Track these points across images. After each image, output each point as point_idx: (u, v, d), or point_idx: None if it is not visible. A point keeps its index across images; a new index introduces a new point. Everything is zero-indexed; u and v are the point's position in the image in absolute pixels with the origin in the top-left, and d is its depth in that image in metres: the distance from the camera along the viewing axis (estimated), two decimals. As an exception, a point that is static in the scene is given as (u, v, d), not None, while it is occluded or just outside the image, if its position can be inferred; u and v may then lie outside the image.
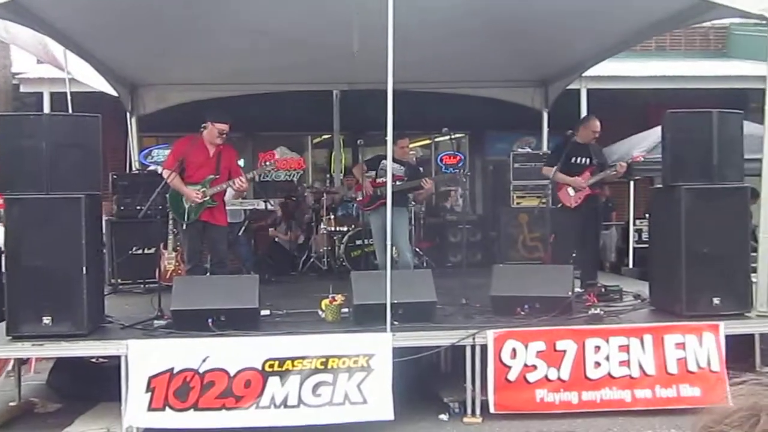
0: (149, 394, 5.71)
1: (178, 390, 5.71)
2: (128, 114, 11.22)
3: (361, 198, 9.24)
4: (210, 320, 6.11)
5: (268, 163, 10.17)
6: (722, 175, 6.70)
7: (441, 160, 14.42)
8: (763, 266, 6.66)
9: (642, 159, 8.74)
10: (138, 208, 8.60)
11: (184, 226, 7.76)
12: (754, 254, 6.78)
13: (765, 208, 6.67)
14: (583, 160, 8.46)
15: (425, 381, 6.79)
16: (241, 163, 10.38)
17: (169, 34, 8.45)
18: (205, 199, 7.60)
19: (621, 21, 8.35)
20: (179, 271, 9.10)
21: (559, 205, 8.58)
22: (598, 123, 8.61)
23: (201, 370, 5.75)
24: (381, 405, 5.83)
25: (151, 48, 8.99)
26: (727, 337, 6.32)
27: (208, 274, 8.10)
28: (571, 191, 8.42)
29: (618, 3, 7.76)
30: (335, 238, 11.10)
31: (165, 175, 7.62)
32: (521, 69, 10.84)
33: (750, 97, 10.17)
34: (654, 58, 13.89)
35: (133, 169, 11.42)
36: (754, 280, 6.69)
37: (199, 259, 7.91)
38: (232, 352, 5.85)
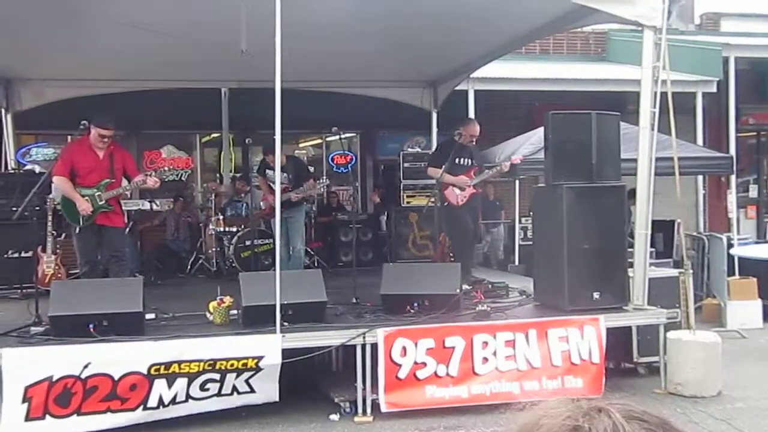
0: (26, 404, 5.44)
1: (58, 397, 5.50)
2: (3, 110, 10.66)
3: (264, 208, 9.49)
4: (91, 326, 5.87)
5: (167, 168, 10.00)
6: (601, 174, 6.97)
7: (332, 159, 14.40)
8: (639, 262, 6.97)
9: (520, 161, 9.05)
10: (13, 209, 8.16)
11: (78, 230, 7.53)
12: (631, 250, 7.09)
13: (641, 206, 6.98)
14: (466, 160, 8.78)
15: (316, 381, 6.77)
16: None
17: (46, 27, 8.07)
18: (100, 203, 7.43)
19: (507, 24, 8.56)
20: (59, 275, 8.72)
21: (446, 204, 8.77)
22: (476, 127, 8.95)
23: (83, 376, 5.54)
24: (268, 391, 5.87)
25: (26, 41, 8.56)
26: (607, 329, 6.58)
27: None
28: (456, 190, 8.67)
29: (504, 7, 7.94)
30: (224, 238, 10.90)
31: (56, 182, 7.47)
32: (411, 69, 10.95)
33: (628, 99, 10.61)
34: (538, 60, 14.31)
35: (9, 168, 10.84)
36: (630, 274, 7.00)
37: (94, 263, 7.67)
38: (115, 358, 5.66)
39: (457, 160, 8.71)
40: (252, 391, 5.90)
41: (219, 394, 5.84)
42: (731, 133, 11.66)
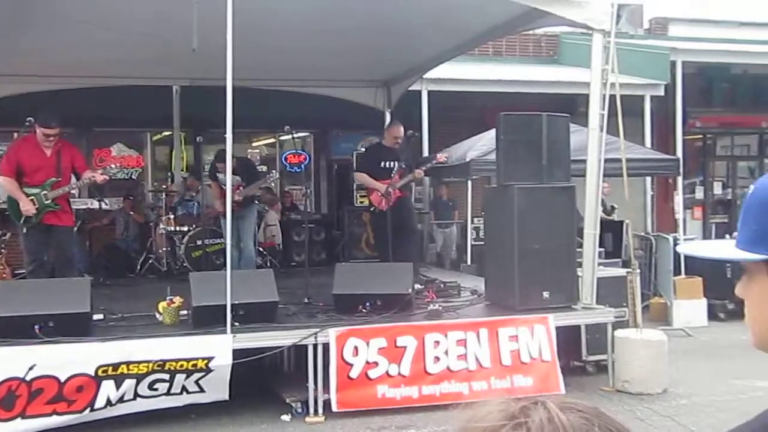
0: (-33, 408, 5.32)
1: (2, 399, 5.39)
2: (-55, 106, 10.38)
3: (219, 207, 9.38)
4: (37, 327, 5.75)
5: (112, 167, 9.84)
6: (551, 174, 7.06)
7: (285, 159, 14.33)
8: (588, 261, 7.08)
9: (445, 160, 9.29)
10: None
11: (25, 230, 7.35)
12: (580, 250, 7.20)
13: (589, 206, 7.10)
14: (391, 163, 8.83)
15: (267, 382, 6.73)
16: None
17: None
18: (46, 202, 7.25)
19: (460, 26, 8.62)
20: (4, 276, 8.54)
21: (372, 208, 8.95)
22: (400, 129, 9.05)
23: (27, 378, 5.43)
24: (218, 391, 5.83)
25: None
26: (556, 328, 6.67)
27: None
28: (380, 195, 8.74)
29: (456, 9, 7.99)
30: (175, 238, 10.77)
31: (1, 182, 7.36)
32: (364, 69, 10.96)
33: (578, 101, 10.77)
34: (491, 62, 14.43)
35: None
36: (579, 274, 7.10)
37: (41, 262, 7.51)
38: (62, 360, 5.57)
39: (382, 164, 8.86)
40: (201, 390, 5.86)
41: (168, 393, 5.78)
42: (678, 136, 11.90)
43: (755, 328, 1.10)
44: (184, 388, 5.80)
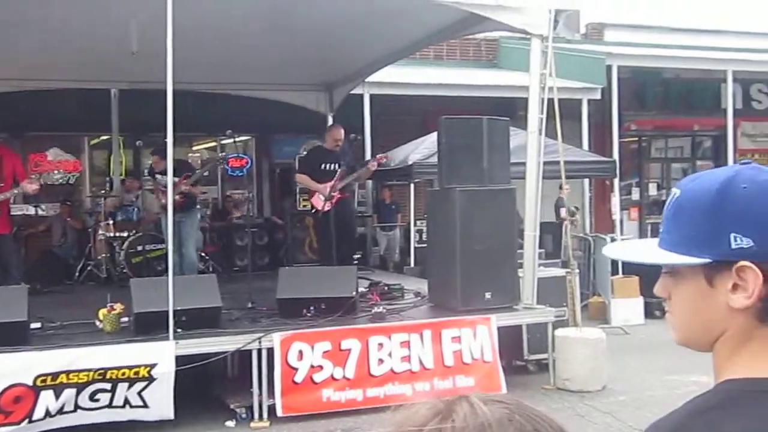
0: None
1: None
2: None
3: (159, 211, 9.36)
4: (-29, 336, 5.61)
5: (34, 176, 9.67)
6: (492, 177, 7.17)
7: (227, 162, 14.19)
8: (528, 262, 7.21)
9: (385, 160, 9.47)
10: None
11: None
12: (520, 251, 7.32)
13: (529, 208, 7.22)
14: (332, 166, 8.93)
15: (211, 388, 6.67)
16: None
17: None
18: None
19: (401, 30, 8.69)
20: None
21: (314, 210, 9.08)
22: (340, 131, 9.22)
23: (-38, 390, 5.28)
24: (162, 407, 5.70)
25: None
26: (498, 328, 6.77)
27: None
28: (321, 196, 8.84)
29: (397, 14, 8.05)
30: (115, 244, 10.58)
31: None
32: (307, 73, 10.95)
33: (518, 105, 10.94)
34: (432, 66, 14.54)
35: None
36: (520, 275, 7.23)
37: None
38: (-2, 370, 5.43)
39: (322, 166, 8.97)
40: (145, 405, 5.73)
41: (110, 405, 5.66)
42: (614, 139, 12.18)
43: (684, 328, 1.14)
44: (126, 401, 5.67)
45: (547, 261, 9.32)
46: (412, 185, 11.92)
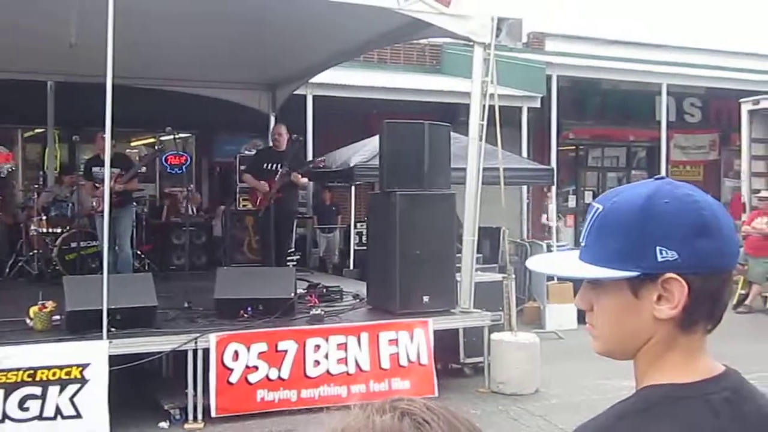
0: None
1: None
2: None
3: (96, 205, 9.03)
4: None
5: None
6: (432, 182, 7.23)
7: (166, 160, 13.97)
8: (466, 267, 7.30)
9: (322, 165, 9.78)
10: None
11: None
12: (459, 255, 7.40)
13: (468, 213, 7.31)
14: (274, 165, 9.19)
15: (145, 388, 6.57)
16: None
17: None
18: None
19: (345, 33, 8.70)
20: None
21: (254, 209, 9.40)
22: (280, 127, 9.65)
23: None
24: (96, 418, 5.56)
25: None
26: (436, 331, 6.83)
27: None
28: (259, 194, 9.23)
29: (342, 17, 8.06)
30: (48, 240, 10.32)
31: None
32: (249, 71, 10.88)
33: (460, 111, 11.05)
34: (376, 69, 14.59)
35: None
36: (458, 279, 7.31)
37: None
38: None
39: (264, 166, 9.29)
40: (78, 415, 5.56)
41: (41, 416, 5.45)
42: (553, 147, 12.42)
43: (607, 338, 1.17)
44: (58, 410, 5.49)
45: (484, 266, 9.44)
46: (353, 187, 11.93)
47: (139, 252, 10.53)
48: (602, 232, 1.15)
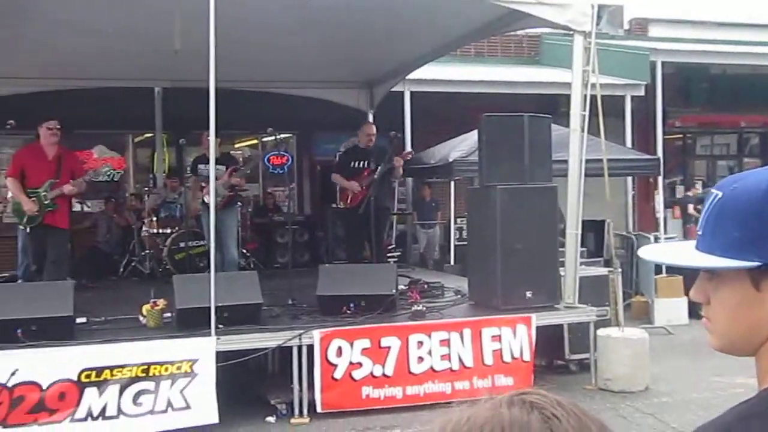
0: (-50, 414, 5.28)
1: (-16, 407, 5.33)
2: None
3: (208, 201, 9.23)
4: (19, 330, 5.71)
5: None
6: (533, 175, 7.10)
7: (268, 160, 14.29)
8: (570, 261, 7.13)
9: (410, 156, 9.82)
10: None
11: (28, 230, 7.80)
12: (562, 249, 7.24)
13: (571, 206, 7.14)
14: (362, 163, 9.30)
15: (252, 384, 6.72)
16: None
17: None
18: (45, 202, 7.64)
19: (442, 27, 8.66)
20: (-15, 279, 8.47)
21: (341, 207, 9.46)
22: (371, 127, 9.67)
23: (9, 385, 5.39)
24: (205, 409, 5.72)
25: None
26: (539, 327, 6.71)
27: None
28: (349, 193, 9.31)
29: (439, 11, 8.03)
30: (158, 240, 10.73)
31: (8, 184, 7.98)
32: (347, 70, 10.98)
33: (559, 102, 10.83)
34: (473, 63, 14.48)
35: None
36: (562, 273, 7.15)
37: (41, 263, 7.84)
38: (45, 364, 5.53)
39: (352, 164, 9.37)
40: (188, 406, 5.73)
41: (152, 411, 5.64)
42: (658, 136, 12.00)
43: (725, 333, 1.10)
44: (169, 403, 5.69)
45: (588, 260, 9.21)
46: (452, 183, 11.87)
47: (244, 251, 10.79)
48: (721, 220, 1.07)
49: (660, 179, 11.75)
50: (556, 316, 7.04)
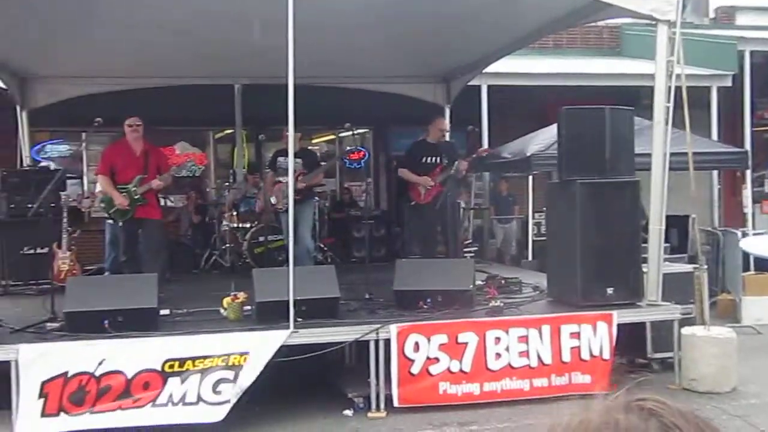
0: (42, 400, 5.49)
1: (73, 394, 5.53)
2: (18, 108, 10.73)
3: (274, 202, 9.42)
4: (106, 321, 5.91)
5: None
6: (614, 169, 6.94)
7: (347, 156, 14.39)
8: (653, 257, 6.93)
9: (486, 153, 9.49)
10: (29, 206, 8.24)
11: (120, 224, 8.11)
12: (645, 245, 7.06)
13: (655, 201, 6.94)
14: (433, 159, 9.06)
15: (329, 377, 6.78)
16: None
17: (59, 25, 8.13)
18: (136, 197, 7.94)
19: (520, 19, 8.53)
20: (74, 272, 8.78)
21: (412, 203, 9.15)
22: (444, 122, 9.52)
23: (97, 374, 5.58)
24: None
25: (40, 39, 8.61)
26: (620, 325, 6.56)
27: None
28: (421, 189, 9.00)
29: (517, 2, 7.92)
30: (238, 234, 10.93)
31: (99, 181, 8.34)
32: (423, 65, 10.94)
33: (641, 94, 10.55)
34: (551, 55, 14.25)
35: (24, 165, 10.92)
36: (645, 270, 6.96)
37: (132, 255, 8.17)
38: (130, 354, 5.70)
39: (423, 159, 9.12)
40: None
41: (230, 401, 5.74)
42: (746, 128, 11.58)
43: None
44: (246, 392, 5.81)
45: (672, 256, 8.95)
46: (530, 177, 11.72)
47: (321, 245, 10.88)
48: None
49: (748, 173, 11.34)
50: (638, 314, 6.86)
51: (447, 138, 9.40)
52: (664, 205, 6.94)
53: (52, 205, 8.32)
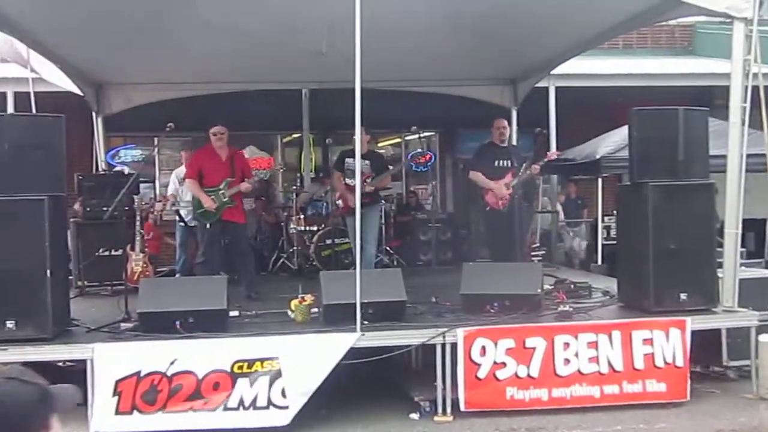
0: (116, 397, 5.64)
1: (145, 393, 5.66)
2: (94, 114, 11.06)
3: (342, 205, 9.40)
4: (177, 322, 6.04)
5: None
6: (688, 171, 6.76)
7: (412, 158, 14.40)
8: (729, 262, 6.72)
9: (555, 156, 9.21)
10: (104, 209, 8.49)
11: (208, 225, 8.30)
12: (720, 249, 6.85)
13: (730, 204, 6.73)
14: (505, 162, 8.89)
15: (396, 380, 6.78)
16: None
17: (134, 33, 8.33)
18: (224, 200, 8.19)
19: (590, 19, 8.39)
20: (146, 273, 9.00)
21: (488, 208, 8.93)
22: (502, 121, 9.24)
23: (169, 373, 5.69)
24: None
25: (117, 47, 8.85)
26: (694, 332, 6.38)
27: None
28: (496, 195, 8.81)
29: (587, 1, 7.78)
30: (305, 237, 11.04)
31: (188, 184, 8.72)
32: (490, 67, 10.86)
33: (715, 94, 10.28)
34: (621, 56, 13.99)
35: (100, 169, 11.25)
36: (720, 275, 6.76)
37: (210, 257, 8.36)
38: (200, 354, 5.80)
39: (495, 163, 8.93)
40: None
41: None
42: (829, 128, 11.12)
43: None
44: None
45: (749, 261, 8.66)
46: (599, 180, 11.52)
47: (387, 248, 10.90)
48: None
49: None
50: (713, 320, 6.66)
51: (506, 136, 9.25)
52: (741, 208, 6.72)
53: (126, 208, 8.53)
